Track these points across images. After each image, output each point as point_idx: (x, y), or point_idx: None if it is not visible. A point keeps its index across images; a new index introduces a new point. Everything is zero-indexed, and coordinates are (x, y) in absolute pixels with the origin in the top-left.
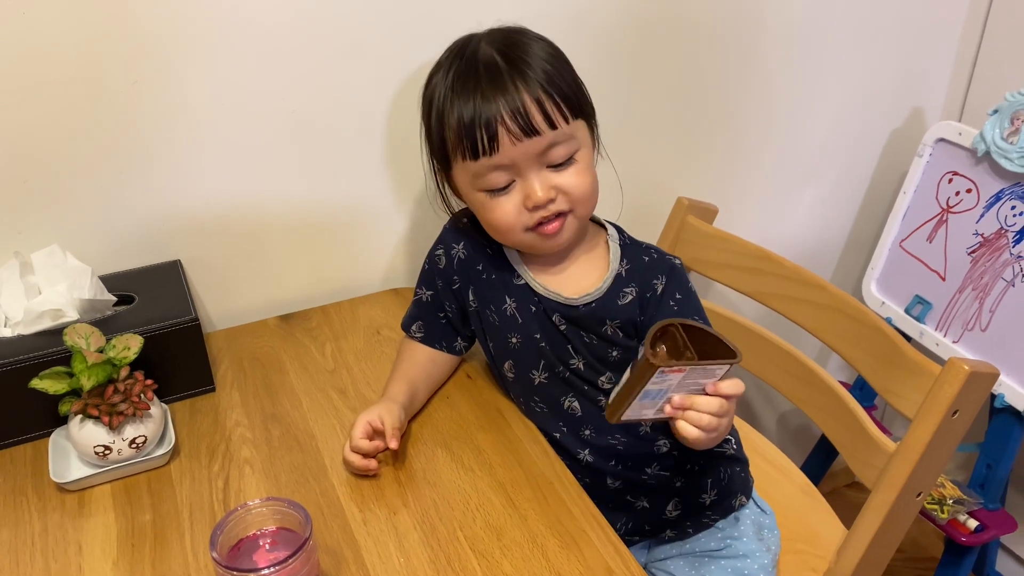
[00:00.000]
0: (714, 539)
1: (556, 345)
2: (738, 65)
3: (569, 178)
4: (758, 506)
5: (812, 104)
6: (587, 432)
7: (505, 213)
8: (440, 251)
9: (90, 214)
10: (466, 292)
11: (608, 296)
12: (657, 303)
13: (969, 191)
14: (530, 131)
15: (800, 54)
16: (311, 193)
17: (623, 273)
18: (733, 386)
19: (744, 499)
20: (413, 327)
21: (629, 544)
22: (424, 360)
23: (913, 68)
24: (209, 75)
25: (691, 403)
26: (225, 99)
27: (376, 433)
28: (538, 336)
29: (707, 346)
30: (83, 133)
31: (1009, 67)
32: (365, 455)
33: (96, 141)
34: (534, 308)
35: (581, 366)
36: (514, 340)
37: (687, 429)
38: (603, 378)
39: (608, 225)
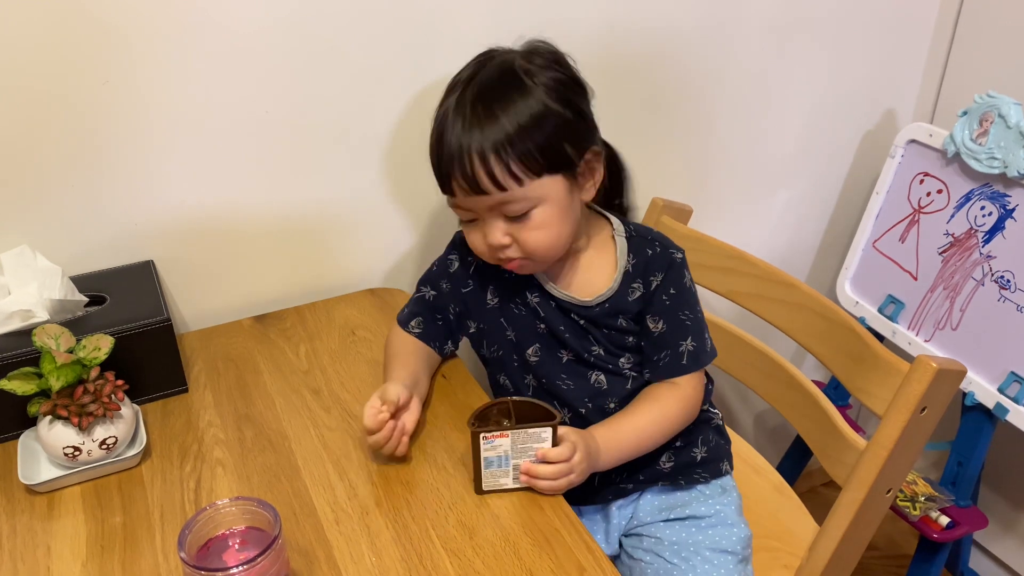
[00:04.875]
0: (704, 505)
1: (577, 336)
2: (712, 68)
3: (523, 232)
4: (736, 491)
5: (785, 106)
6: (612, 405)
7: (473, 242)
8: (454, 256)
9: (61, 214)
10: (483, 294)
11: (619, 294)
12: (650, 298)
13: (940, 192)
14: (476, 189)
15: (773, 57)
16: (286, 193)
17: (630, 269)
18: (556, 454)
19: (728, 467)
20: (412, 323)
21: (623, 494)
22: (420, 349)
23: (885, 71)
24: (181, 75)
25: (535, 472)
26: (198, 99)
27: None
28: (562, 328)
29: (536, 414)
30: (53, 132)
31: (979, 69)
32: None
33: (66, 140)
34: (553, 304)
35: (602, 352)
36: (542, 327)
37: (544, 491)
38: (623, 360)
39: (612, 218)
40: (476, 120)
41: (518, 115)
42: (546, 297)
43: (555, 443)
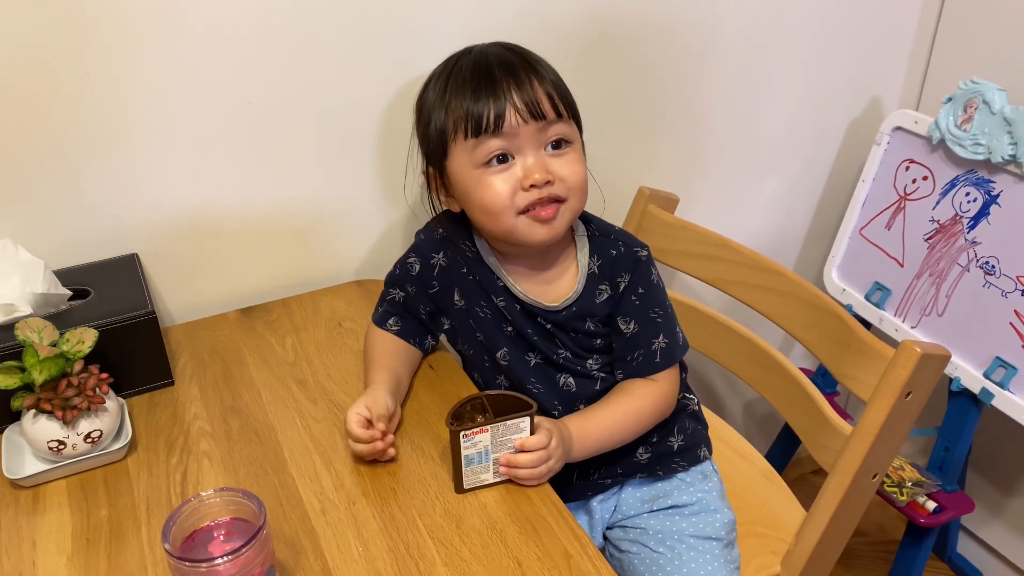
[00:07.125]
0: (686, 493)
1: (544, 339)
2: (698, 57)
3: (565, 166)
4: (718, 475)
5: (772, 94)
6: (581, 406)
7: (498, 193)
8: (413, 259)
9: (43, 207)
10: (450, 294)
11: (585, 297)
12: (619, 299)
13: (925, 178)
14: (537, 115)
15: (760, 45)
16: (271, 185)
17: (595, 271)
18: (535, 441)
19: (707, 452)
20: (389, 322)
21: (602, 489)
22: (402, 348)
23: (870, 58)
24: (164, 66)
25: (515, 462)
26: (182, 91)
27: (369, 422)
28: (529, 331)
29: (511, 405)
30: (34, 123)
31: (963, 56)
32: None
33: (48, 132)
34: (519, 307)
35: (569, 355)
36: (509, 329)
37: (525, 481)
38: (590, 361)
39: None
40: (522, 59)
41: (549, 68)
42: (512, 300)
43: (532, 432)
